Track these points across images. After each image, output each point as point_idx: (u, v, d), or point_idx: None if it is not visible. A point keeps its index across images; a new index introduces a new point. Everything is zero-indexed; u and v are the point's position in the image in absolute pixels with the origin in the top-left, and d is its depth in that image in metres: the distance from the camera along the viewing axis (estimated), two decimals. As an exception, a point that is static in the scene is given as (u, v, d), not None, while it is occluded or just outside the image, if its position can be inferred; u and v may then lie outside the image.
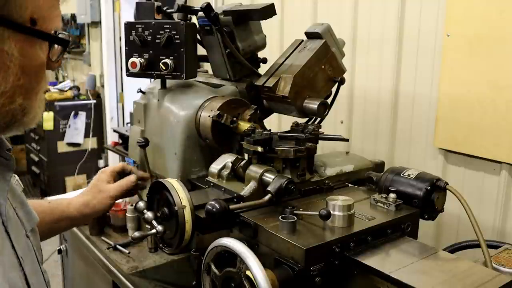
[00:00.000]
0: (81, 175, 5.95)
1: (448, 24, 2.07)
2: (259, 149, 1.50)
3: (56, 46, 0.92)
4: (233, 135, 1.78)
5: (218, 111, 1.70)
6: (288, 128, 1.69)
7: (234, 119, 1.74)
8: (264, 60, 2.05)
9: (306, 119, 1.91)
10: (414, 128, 2.33)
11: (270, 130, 1.62)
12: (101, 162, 6.02)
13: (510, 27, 1.86)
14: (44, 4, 0.86)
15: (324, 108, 1.77)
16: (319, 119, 1.89)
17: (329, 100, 1.83)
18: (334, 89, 1.90)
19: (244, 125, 1.72)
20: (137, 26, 1.82)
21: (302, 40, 1.90)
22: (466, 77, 2.02)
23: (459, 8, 2.02)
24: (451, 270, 1.20)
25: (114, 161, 5.67)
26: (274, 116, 2.12)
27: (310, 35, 1.86)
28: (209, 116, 1.73)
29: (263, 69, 1.98)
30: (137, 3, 1.92)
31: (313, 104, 1.74)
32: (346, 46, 2.09)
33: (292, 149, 1.51)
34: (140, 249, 1.99)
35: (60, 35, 0.92)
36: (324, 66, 1.79)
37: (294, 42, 1.92)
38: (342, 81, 1.85)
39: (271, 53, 2.15)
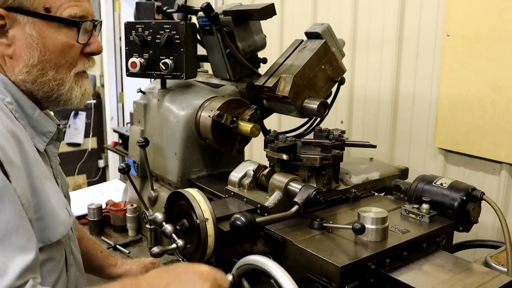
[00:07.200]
0: (81, 175, 5.93)
1: (448, 24, 2.07)
2: (284, 157, 1.41)
3: (82, 31, 1.14)
4: (233, 135, 1.78)
5: (218, 111, 1.70)
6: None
7: (234, 119, 1.74)
8: (264, 60, 2.06)
9: (313, 119, 1.90)
10: (414, 128, 2.33)
11: (294, 137, 1.52)
12: (101, 162, 6.00)
13: (510, 27, 1.86)
14: None
15: (324, 108, 1.77)
16: (319, 119, 1.89)
17: (329, 100, 1.84)
18: (334, 89, 1.90)
19: (244, 125, 1.72)
20: (137, 26, 1.82)
21: (302, 40, 1.90)
22: (466, 77, 2.02)
23: (458, 8, 2.02)
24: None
25: (114, 161, 5.66)
26: (274, 116, 2.12)
27: (310, 35, 1.86)
28: (209, 116, 1.73)
29: (263, 69, 1.98)
30: (137, 3, 1.92)
31: (313, 104, 1.74)
32: (346, 46, 2.09)
33: (318, 156, 1.43)
34: (140, 249, 1.98)
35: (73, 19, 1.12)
36: (324, 66, 1.79)
37: (294, 42, 1.92)
38: (342, 81, 1.85)
39: (271, 53, 2.15)
